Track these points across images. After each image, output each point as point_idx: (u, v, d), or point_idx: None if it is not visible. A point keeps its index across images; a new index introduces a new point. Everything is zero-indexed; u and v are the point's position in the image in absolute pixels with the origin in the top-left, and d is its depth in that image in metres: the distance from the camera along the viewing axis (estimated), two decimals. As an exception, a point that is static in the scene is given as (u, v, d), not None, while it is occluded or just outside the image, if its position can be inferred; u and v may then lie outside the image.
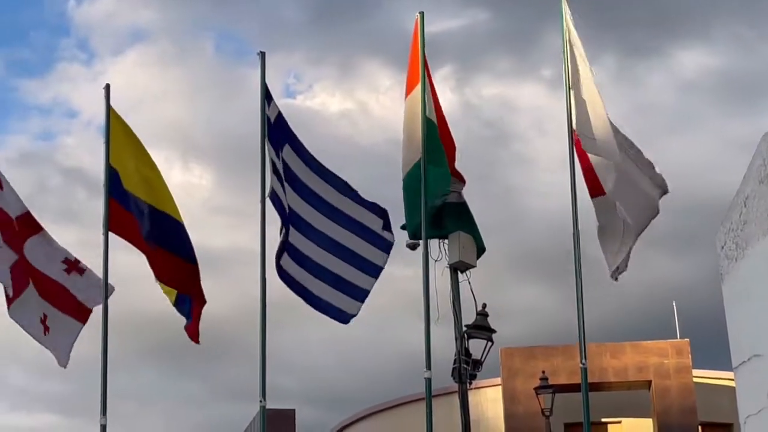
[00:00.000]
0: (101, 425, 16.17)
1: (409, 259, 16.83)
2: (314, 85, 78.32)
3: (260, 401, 15.82)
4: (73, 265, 17.17)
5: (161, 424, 70.15)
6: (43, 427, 77.28)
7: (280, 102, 16.65)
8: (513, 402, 32.11)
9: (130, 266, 17.64)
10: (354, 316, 16.40)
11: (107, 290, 16.64)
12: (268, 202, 16.06)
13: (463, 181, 16.69)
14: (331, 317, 16.29)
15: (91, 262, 17.47)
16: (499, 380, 33.01)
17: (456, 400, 16.67)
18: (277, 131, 16.43)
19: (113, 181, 16.80)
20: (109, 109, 17.08)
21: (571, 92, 15.84)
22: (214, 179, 68.62)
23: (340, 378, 62.15)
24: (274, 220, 16.33)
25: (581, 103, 15.69)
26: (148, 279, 16.99)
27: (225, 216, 58.55)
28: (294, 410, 39.17)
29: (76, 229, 62.26)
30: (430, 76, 16.43)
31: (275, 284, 16.06)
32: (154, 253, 16.66)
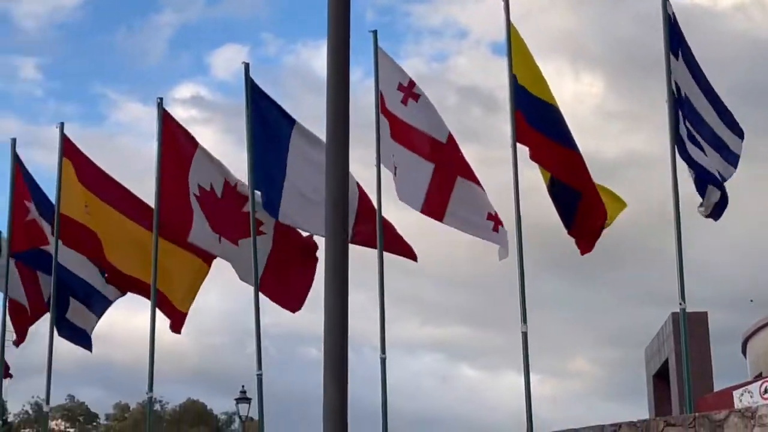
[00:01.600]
0: (522, 332, 16.52)
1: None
2: (706, -21, 75.77)
3: (680, 303, 15.70)
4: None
5: (572, 331, 71.04)
6: (453, 339, 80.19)
7: (666, 2, 16.40)
8: None
9: (534, 179, 17.81)
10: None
11: (518, 198, 16.91)
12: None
13: None
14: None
15: (495, 178, 17.87)
16: None
17: None
18: (675, 34, 16.43)
19: (517, 92, 17.05)
20: (508, 19, 17.27)
21: None
22: (605, 86, 68.03)
23: (752, 280, 60.39)
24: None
25: None
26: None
27: (618, 121, 58.01)
28: (706, 313, 38.54)
29: (474, 146, 63.68)
30: None
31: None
32: (539, 141, 16.91)
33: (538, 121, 16.85)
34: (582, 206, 16.87)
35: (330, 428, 4.91)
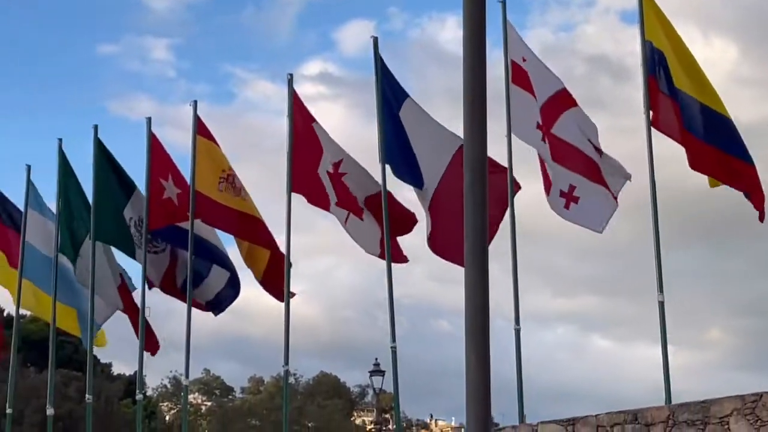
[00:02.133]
0: (659, 302, 16.28)
1: None
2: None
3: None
4: (599, 151, 17.57)
5: (707, 300, 69.78)
6: (585, 309, 79.46)
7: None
8: None
9: (667, 149, 17.58)
10: None
11: (652, 166, 16.62)
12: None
13: None
14: None
15: (626, 147, 17.62)
16: None
17: None
18: None
19: (653, 58, 16.75)
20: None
21: None
22: (739, 51, 66.47)
23: None
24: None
25: None
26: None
27: (752, 88, 56.67)
28: None
29: (603, 116, 62.84)
30: None
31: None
32: (693, 144, 16.59)
33: (698, 127, 16.54)
34: (754, 200, 16.78)
35: (473, 405, 4.88)
